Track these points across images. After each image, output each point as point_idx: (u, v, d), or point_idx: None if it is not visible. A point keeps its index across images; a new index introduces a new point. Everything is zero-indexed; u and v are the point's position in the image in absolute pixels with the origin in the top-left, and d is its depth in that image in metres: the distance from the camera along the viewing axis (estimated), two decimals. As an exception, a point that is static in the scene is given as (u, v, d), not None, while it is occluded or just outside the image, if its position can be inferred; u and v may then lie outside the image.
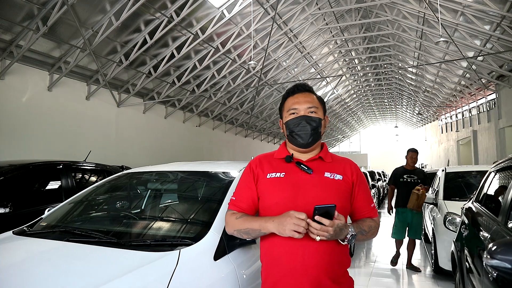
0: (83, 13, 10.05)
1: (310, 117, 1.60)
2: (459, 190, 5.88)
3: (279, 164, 1.64)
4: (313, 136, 1.59)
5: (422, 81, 22.47)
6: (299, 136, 1.59)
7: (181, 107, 17.43)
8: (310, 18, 15.67)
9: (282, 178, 1.58)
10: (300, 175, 1.57)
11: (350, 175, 1.62)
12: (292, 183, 1.56)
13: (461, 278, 2.94)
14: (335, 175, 1.58)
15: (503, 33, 12.17)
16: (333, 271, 1.50)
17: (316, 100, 1.66)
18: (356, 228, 1.50)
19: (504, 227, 2.04)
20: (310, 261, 1.46)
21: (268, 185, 1.59)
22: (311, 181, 1.55)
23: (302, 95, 1.65)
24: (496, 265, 1.17)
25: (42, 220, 2.47)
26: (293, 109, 1.63)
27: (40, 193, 4.50)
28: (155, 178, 2.99)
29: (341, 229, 1.40)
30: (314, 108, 1.62)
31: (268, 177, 1.60)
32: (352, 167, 1.66)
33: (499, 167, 2.77)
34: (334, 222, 1.37)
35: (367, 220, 1.62)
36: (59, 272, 1.64)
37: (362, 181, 1.65)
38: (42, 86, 10.97)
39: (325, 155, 1.66)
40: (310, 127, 1.59)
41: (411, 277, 5.19)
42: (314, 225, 1.36)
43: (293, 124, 1.61)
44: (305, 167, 1.58)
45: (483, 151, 19.36)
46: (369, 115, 41.06)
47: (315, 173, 1.57)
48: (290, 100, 1.66)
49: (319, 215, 1.36)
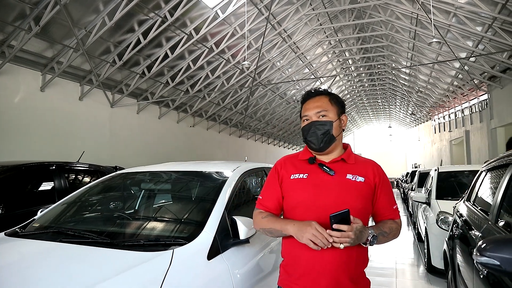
0: (76, 13, 9.99)
1: (319, 121, 1.63)
2: (452, 189, 5.92)
3: (302, 165, 1.67)
4: (324, 140, 1.61)
5: (415, 81, 22.63)
6: (311, 142, 1.64)
7: (175, 108, 17.38)
8: (304, 19, 15.72)
9: (305, 179, 1.61)
10: (322, 176, 1.60)
11: (373, 177, 1.63)
12: (314, 183, 1.59)
13: (453, 276, 2.97)
14: (357, 177, 1.60)
15: (494, 35, 12.29)
16: (351, 270, 1.53)
17: (327, 102, 1.67)
18: (376, 230, 1.53)
19: (494, 226, 2.06)
20: (329, 261, 1.49)
21: (291, 186, 1.63)
22: (333, 182, 1.58)
23: (312, 101, 1.68)
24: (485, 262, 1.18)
25: (34, 221, 2.45)
26: (305, 116, 1.67)
27: (33, 194, 4.47)
28: (148, 178, 2.98)
29: (361, 232, 1.42)
30: (323, 112, 1.64)
31: (292, 178, 1.64)
32: (375, 169, 1.66)
33: (490, 166, 2.81)
34: (352, 227, 1.39)
35: (388, 221, 1.64)
36: (52, 273, 1.63)
37: (385, 183, 1.67)
38: (35, 87, 10.89)
39: (348, 157, 1.67)
40: (319, 132, 1.61)
41: (405, 276, 5.22)
42: (335, 234, 1.37)
43: (305, 131, 1.66)
44: (327, 168, 1.61)
45: (476, 151, 19.53)
46: (363, 115, 41.26)
47: (337, 175, 1.60)
48: (304, 107, 1.70)
49: (336, 223, 1.38)
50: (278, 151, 32.72)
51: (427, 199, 5.74)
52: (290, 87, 21.97)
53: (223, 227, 2.02)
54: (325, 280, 1.49)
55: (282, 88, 21.37)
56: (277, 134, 29.89)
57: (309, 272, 1.52)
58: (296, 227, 1.47)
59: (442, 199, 5.46)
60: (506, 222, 1.96)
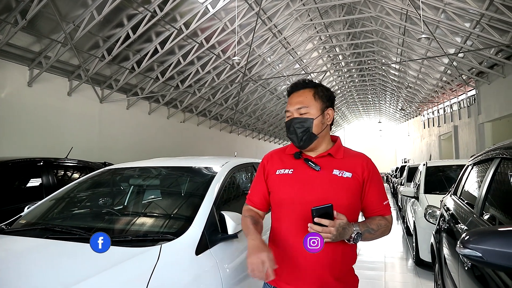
0: (63, 7, 9.84)
1: (298, 119, 1.57)
2: (440, 183, 6.00)
3: (289, 160, 1.63)
4: (304, 137, 1.55)
5: (405, 77, 22.81)
6: (292, 139, 1.59)
7: (165, 103, 17.28)
8: (294, 14, 15.70)
9: (290, 175, 1.57)
10: (308, 172, 1.55)
11: (361, 172, 1.56)
12: (299, 179, 1.54)
13: (440, 268, 3.01)
14: (344, 172, 1.54)
15: (482, 31, 12.43)
16: (337, 268, 1.50)
17: (310, 97, 1.59)
18: (362, 227, 1.47)
19: (479, 219, 2.10)
20: (313, 258, 1.45)
21: (276, 181, 1.60)
22: (319, 178, 1.53)
23: (295, 95, 1.62)
24: (468, 254, 1.20)
25: (21, 218, 2.42)
26: (287, 112, 1.62)
27: (20, 191, 4.42)
28: (137, 174, 2.97)
29: (344, 228, 1.37)
30: (304, 108, 1.57)
31: (277, 173, 1.60)
32: (364, 163, 1.59)
33: (476, 160, 2.85)
34: (335, 222, 1.34)
35: (376, 218, 1.57)
36: (38, 269, 1.62)
37: (374, 178, 1.59)
38: (22, 82, 10.72)
39: (336, 151, 1.60)
40: (299, 130, 1.55)
41: (393, 269, 5.29)
42: (316, 228, 1.33)
43: (286, 127, 1.62)
44: (312, 164, 1.55)
45: (464, 145, 19.79)
46: (353, 111, 41.49)
47: (323, 170, 1.54)
48: (288, 100, 1.65)
49: (318, 216, 1.33)
50: (269, 146, 32.77)
51: (416, 193, 5.82)
52: (281, 83, 21.98)
53: (211, 223, 2.02)
54: (309, 278, 1.47)
55: (273, 83, 21.36)
56: (267, 129, 29.92)
57: (294, 269, 1.49)
58: (251, 244, 1.45)
59: (430, 193, 5.53)
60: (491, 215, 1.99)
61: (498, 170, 2.10)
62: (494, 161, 2.20)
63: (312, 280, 1.47)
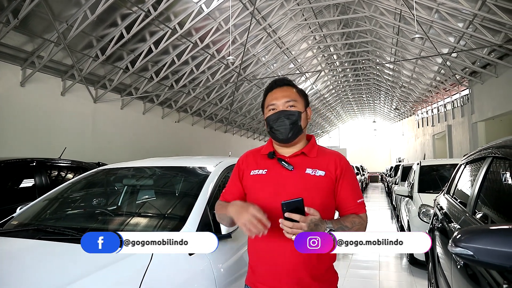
0: (56, 6, 9.77)
1: (288, 111, 1.57)
2: (434, 183, 6.03)
3: (263, 160, 1.62)
4: (292, 131, 1.55)
5: (399, 76, 22.90)
6: (278, 132, 1.57)
7: (160, 103, 17.22)
8: (289, 14, 15.71)
9: (264, 175, 1.57)
10: (281, 171, 1.55)
11: (334, 170, 1.55)
12: (273, 180, 1.54)
13: (433, 267, 3.03)
14: (317, 171, 1.54)
15: (475, 31, 12.52)
16: (314, 267, 1.48)
17: (295, 93, 1.62)
18: (335, 224, 1.43)
19: (471, 217, 2.11)
20: (290, 258, 1.45)
21: (251, 182, 1.60)
22: (292, 178, 1.52)
23: (280, 90, 1.62)
24: (459, 253, 1.21)
25: (13, 219, 2.41)
26: (272, 105, 1.60)
27: (13, 191, 4.38)
28: (131, 174, 2.96)
29: (317, 225, 1.33)
30: (292, 102, 1.58)
31: (252, 174, 1.60)
32: (337, 161, 1.58)
33: (469, 159, 2.87)
34: (307, 218, 1.31)
35: (350, 216, 1.55)
36: (30, 270, 1.61)
37: (348, 175, 1.58)
38: (15, 82, 10.63)
39: (310, 150, 1.61)
40: (288, 122, 1.55)
41: (388, 268, 5.31)
42: (286, 223, 1.31)
43: (272, 120, 1.58)
44: (285, 163, 1.55)
45: (457, 145, 19.91)
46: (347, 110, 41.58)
47: (296, 170, 1.54)
48: (269, 96, 1.64)
49: (289, 211, 1.30)
50: (264, 146, 32.67)
51: (410, 193, 5.84)
52: (276, 82, 21.95)
53: (205, 222, 2.01)
54: (286, 278, 1.46)
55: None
56: (262, 129, 29.90)
57: (271, 269, 1.49)
58: (234, 209, 1.43)
59: (424, 192, 5.56)
60: (483, 214, 2.01)
61: (491, 169, 2.12)
62: (487, 160, 2.21)
63: (289, 280, 1.46)
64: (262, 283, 1.52)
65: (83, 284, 1.46)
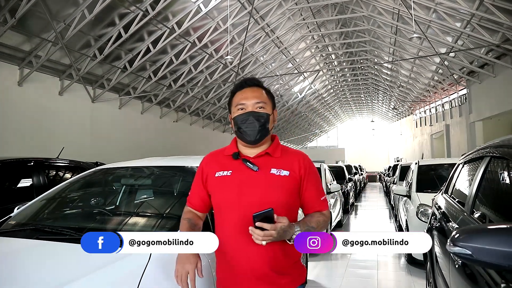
0: (54, 5, 9.75)
1: (257, 112, 1.56)
2: (432, 182, 6.03)
3: (227, 161, 1.62)
4: (261, 132, 1.56)
5: (397, 76, 22.94)
6: (246, 133, 1.56)
7: (158, 102, 17.21)
8: (287, 13, 15.72)
9: (229, 176, 1.56)
10: (246, 172, 1.55)
11: (298, 169, 1.58)
12: (238, 181, 1.54)
13: (431, 266, 3.04)
14: (281, 171, 1.55)
15: (472, 31, 12.55)
16: (279, 264, 1.50)
17: (264, 95, 1.62)
18: (302, 226, 1.47)
19: (469, 217, 2.11)
20: (255, 258, 1.47)
21: (216, 184, 1.59)
22: (257, 179, 1.53)
23: (250, 90, 1.61)
24: (458, 252, 1.21)
25: (11, 219, 2.40)
26: (241, 104, 1.58)
27: (10, 191, 4.36)
28: (129, 174, 2.95)
29: (285, 231, 1.39)
30: (262, 103, 1.58)
31: (216, 175, 1.59)
32: (301, 161, 1.61)
33: (467, 159, 2.87)
34: (276, 226, 1.36)
35: (315, 215, 1.58)
36: (28, 270, 1.61)
37: (312, 174, 1.62)
38: (12, 81, 10.61)
39: (274, 150, 1.61)
40: (258, 124, 1.55)
41: (386, 267, 5.32)
42: (258, 232, 1.35)
43: (240, 120, 1.57)
44: (250, 164, 1.55)
45: (455, 144, 19.95)
46: (346, 110, 41.59)
47: (261, 170, 1.55)
48: (238, 95, 1.62)
49: (260, 221, 1.35)
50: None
51: (408, 192, 5.85)
52: (274, 82, 21.98)
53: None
54: (251, 276, 1.48)
55: (266, 83, 21.34)
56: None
57: (236, 269, 1.50)
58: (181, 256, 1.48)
59: (422, 191, 5.56)
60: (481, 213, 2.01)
61: (489, 168, 2.12)
62: (485, 159, 2.21)
63: (254, 277, 1.48)
64: (228, 286, 1.53)
65: (81, 284, 1.46)
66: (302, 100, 26.54)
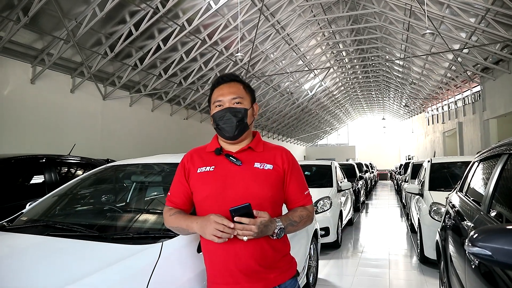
0: (65, 4, 9.83)
1: (234, 108, 1.57)
2: (444, 180, 5.96)
3: (209, 157, 1.62)
4: (239, 128, 1.56)
5: (409, 73, 22.66)
6: (224, 129, 1.57)
7: (168, 100, 17.27)
8: (297, 10, 15.62)
9: (212, 172, 1.56)
10: (229, 167, 1.55)
11: (281, 163, 1.59)
12: (221, 176, 1.53)
13: (445, 266, 2.98)
14: (265, 165, 1.56)
15: (487, 26, 12.31)
16: (267, 259, 1.49)
17: (241, 89, 1.62)
18: (285, 221, 1.49)
19: (486, 216, 2.06)
20: (243, 254, 1.46)
21: (198, 180, 1.57)
22: (241, 173, 1.53)
23: (226, 86, 1.61)
24: (477, 253, 1.17)
25: (22, 215, 2.42)
26: (218, 101, 1.60)
27: (22, 188, 4.41)
28: (140, 171, 2.95)
29: (266, 226, 1.39)
30: (239, 99, 1.59)
31: (199, 171, 1.58)
32: (284, 155, 1.62)
33: (482, 157, 2.80)
34: (256, 221, 1.36)
35: (298, 209, 1.60)
36: (39, 267, 1.61)
37: (295, 169, 1.62)
38: (25, 79, 10.73)
39: (256, 144, 1.63)
40: (235, 119, 1.55)
41: (398, 267, 5.26)
42: (237, 226, 1.35)
43: (218, 117, 1.58)
44: (233, 158, 1.56)
45: (468, 142, 19.67)
46: (356, 108, 41.31)
47: (245, 164, 1.55)
48: (216, 92, 1.62)
49: (239, 216, 1.35)
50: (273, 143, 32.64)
51: (420, 190, 5.77)
52: (284, 79, 21.91)
53: None
54: (239, 272, 1.47)
55: (276, 80, 21.30)
56: (271, 126, 29.85)
57: (224, 266, 1.48)
58: (199, 224, 1.43)
59: (435, 190, 5.49)
60: (498, 212, 1.95)
61: (506, 166, 2.06)
62: (502, 157, 2.16)
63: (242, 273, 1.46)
64: (217, 283, 1.51)
65: (92, 281, 1.45)
66: (312, 97, 26.40)
